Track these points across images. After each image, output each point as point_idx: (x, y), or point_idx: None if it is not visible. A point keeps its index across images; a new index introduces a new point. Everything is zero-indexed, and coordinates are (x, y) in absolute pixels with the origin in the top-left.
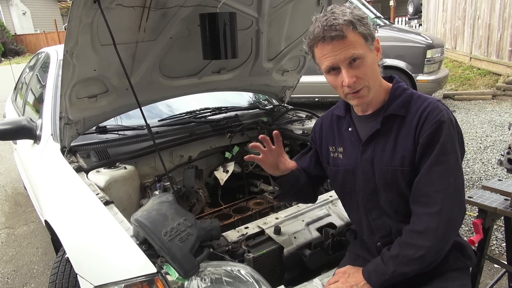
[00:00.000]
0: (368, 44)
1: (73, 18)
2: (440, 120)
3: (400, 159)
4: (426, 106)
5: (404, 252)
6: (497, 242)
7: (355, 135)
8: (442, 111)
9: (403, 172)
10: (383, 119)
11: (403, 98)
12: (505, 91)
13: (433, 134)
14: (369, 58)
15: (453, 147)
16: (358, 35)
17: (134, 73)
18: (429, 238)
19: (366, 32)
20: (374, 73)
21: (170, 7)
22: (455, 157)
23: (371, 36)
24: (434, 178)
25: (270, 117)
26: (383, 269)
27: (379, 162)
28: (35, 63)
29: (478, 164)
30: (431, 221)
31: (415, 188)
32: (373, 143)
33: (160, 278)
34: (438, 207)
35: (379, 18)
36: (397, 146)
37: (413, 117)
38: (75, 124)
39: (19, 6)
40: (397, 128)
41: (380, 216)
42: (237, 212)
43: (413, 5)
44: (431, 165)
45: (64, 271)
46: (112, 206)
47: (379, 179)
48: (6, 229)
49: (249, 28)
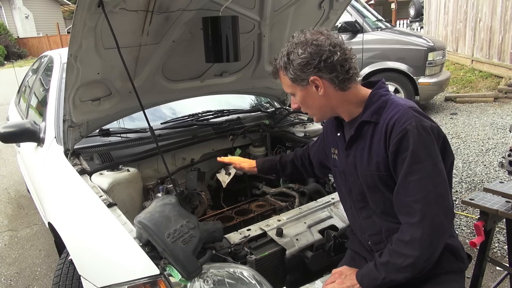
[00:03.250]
0: (296, 85)
1: (77, 22)
2: (406, 128)
3: (376, 165)
4: (394, 114)
5: (393, 260)
6: (499, 244)
7: (342, 140)
8: (410, 119)
9: (380, 177)
10: (357, 125)
11: (377, 105)
12: (506, 94)
13: (399, 142)
14: (300, 95)
15: (427, 154)
16: (285, 77)
17: (137, 76)
18: (415, 247)
19: (293, 76)
20: (309, 105)
21: (173, 10)
22: (431, 163)
23: (299, 79)
24: (410, 188)
25: (272, 120)
26: (375, 275)
27: (360, 167)
28: (38, 67)
29: (480, 166)
30: (414, 231)
31: (395, 199)
32: (354, 148)
33: (163, 280)
34: (419, 217)
35: (381, 21)
36: (372, 152)
37: (383, 124)
38: (78, 127)
39: (22, 10)
40: (371, 134)
41: (370, 216)
42: (240, 214)
43: (415, 8)
44: (405, 175)
45: (67, 273)
46: (115, 208)
47: (363, 182)
48: (9, 232)
49: (251, 31)
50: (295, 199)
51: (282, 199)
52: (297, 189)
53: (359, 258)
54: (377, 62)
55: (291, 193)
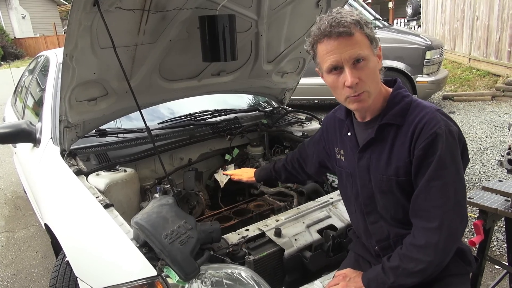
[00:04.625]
0: (372, 48)
1: (73, 21)
2: (436, 132)
3: (395, 169)
4: (423, 117)
5: (404, 265)
6: (498, 243)
7: (354, 141)
8: (439, 122)
9: (398, 182)
10: (378, 127)
11: (400, 106)
12: (504, 92)
13: (429, 147)
14: (373, 61)
15: (452, 159)
16: (364, 36)
17: (134, 76)
18: (429, 252)
19: (372, 35)
20: (376, 78)
21: (170, 9)
22: (455, 168)
23: (375, 41)
24: (432, 192)
25: (270, 119)
26: (382, 279)
27: (375, 171)
28: (34, 67)
29: (478, 165)
30: (431, 236)
31: (414, 202)
32: (369, 151)
33: (160, 281)
34: (438, 223)
35: (378, 20)
36: (392, 156)
37: (409, 127)
38: (74, 127)
39: (19, 10)
40: (393, 137)
41: (378, 221)
42: (238, 214)
43: (412, 6)
44: (429, 179)
45: (64, 275)
46: (112, 209)
47: (375, 186)
48: (6, 233)
49: (248, 30)
50: (294, 198)
51: (281, 199)
52: (295, 188)
53: (363, 262)
54: None
55: (289, 192)
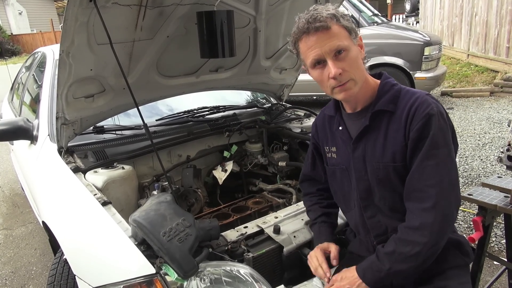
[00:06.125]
0: (352, 38)
1: (69, 17)
2: (429, 113)
3: (391, 155)
4: (415, 101)
5: (400, 249)
6: (497, 239)
7: (346, 134)
8: (430, 104)
9: (395, 168)
10: (371, 115)
11: (391, 93)
12: (502, 88)
13: (423, 128)
14: (354, 51)
15: (445, 140)
16: (342, 28)
17: (131, 72)
18: (425, 233)
19: (350, 26)
20: (359, 66)
21: (167, 5)
22: (447, 149)
23: (354, 31)
24: (426, 172)
25: (269, 116)
26: (378, 266)
27: (371, 159)
28: (31, 63)
29: (477, 161)
30: (426, 216)
31: (408, 184)
32: (364, 140)
33: (159, 279)
34: (433, 202)
35: (377, 16)
36: (387, 142)
37: (402, 112)
38: (72, 124)
39: (15, 6)
40: (386, 124)
41: (375, 215)
42: (236, 211)
43: (410, 2)
44: (422, 159)
45: (62, 273)
46: (110, 207)
47: (372, 176)
48: (4, 230)
49: (246, 26)
50: (292, 195)
51: (279, 196)
52: (294, 185)
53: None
54: (374, 57)
55: (288, 189)
